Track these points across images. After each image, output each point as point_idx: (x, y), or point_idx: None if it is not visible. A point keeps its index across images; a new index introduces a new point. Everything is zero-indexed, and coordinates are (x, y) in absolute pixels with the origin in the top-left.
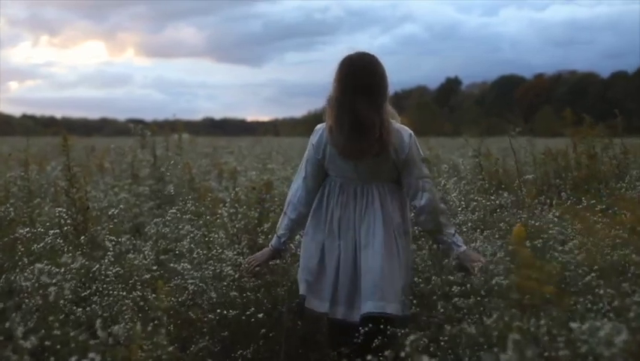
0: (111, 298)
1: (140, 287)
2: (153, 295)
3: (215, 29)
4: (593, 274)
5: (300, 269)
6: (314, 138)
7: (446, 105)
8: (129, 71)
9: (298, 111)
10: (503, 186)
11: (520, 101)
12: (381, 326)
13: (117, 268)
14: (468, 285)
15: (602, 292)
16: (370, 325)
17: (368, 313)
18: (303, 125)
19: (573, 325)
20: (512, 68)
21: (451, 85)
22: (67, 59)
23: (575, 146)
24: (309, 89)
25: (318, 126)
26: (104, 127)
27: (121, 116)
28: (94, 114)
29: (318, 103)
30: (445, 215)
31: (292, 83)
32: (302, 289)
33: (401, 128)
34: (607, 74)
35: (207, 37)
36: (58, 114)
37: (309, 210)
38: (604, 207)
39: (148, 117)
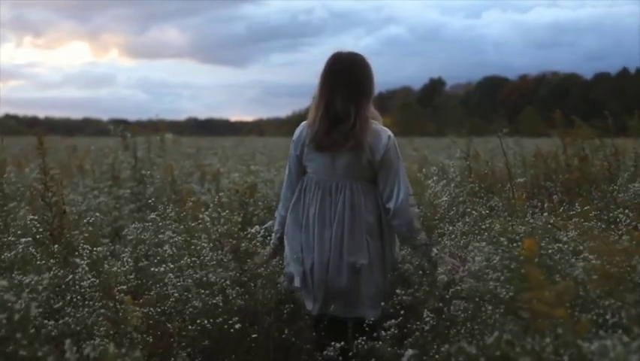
0: (86, 310)
1: (117, 296)
2: (127, 307)
3: (199, 30)
4: (598, 290)
5: (286, 266)
6: (294, 135)
7: (430, 106)
8: (113, 72)
9: (282, 112)
10: (494, 189)
11: (503, 101)
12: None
13: (92, 279)
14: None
15: (607, 303)
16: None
17: (332, 317)
18: (287, 126)
19: (582, 344)
20: (496, 69)
21: (435, 86)
22: (51, 60)
23: (565, 147)
24: (293, 89)
25: (301, 124)
26: (86, 127)
27: (104, 116)
28: (77, 114)
29: (303, 103)
30: (418, 219)
31: (276, 84)
32: (295, 282)
33: (381, 130)
34: (590, 76)
35: (191, 39)
36: (42, 114)
37: None
38: (598, 212)
39: (132, 117)
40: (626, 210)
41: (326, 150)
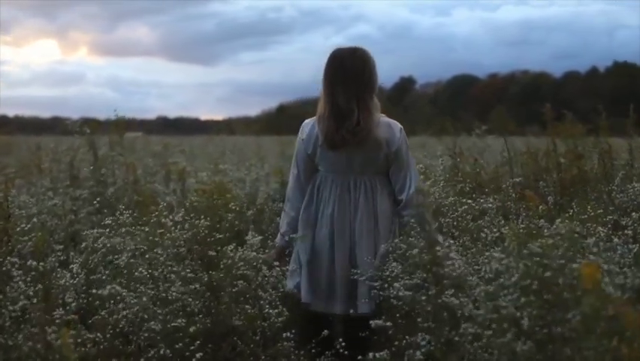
0: (20, 336)
1: (58, 319)
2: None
3: (168, 28)
4: None
5: (292, 273)
6: (303, 133)
7: (400, 104)
8: (82, 70)
9: (252, 110)
10: (487, 190)
11: (474, 100)
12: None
13: (24, 301)
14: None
15: None
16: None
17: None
18: (257, 125)
19: None
20: (466, 67)
21: (406, 84)
22: (20, 58)
23: (555, 145)
24: (263, 88)
25: (307, 121)
26: (56, 126)
27: (74, 115)
28: (46, 113)
29: (272, 102)
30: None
31: (246, 83)
32: (290, 285)
33: (392, 123)
34: (559, 74)
35: (160, 37)
36: (11, 113)
37: None
38: (611, 217)
39: (101, 116)
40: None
41: (339, 148)
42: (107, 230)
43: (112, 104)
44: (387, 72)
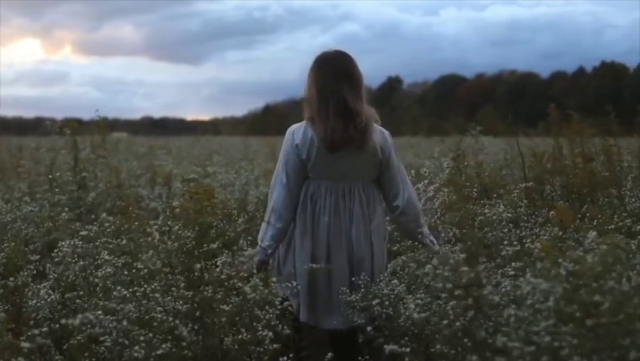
0: None
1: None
2: None
3: (153, 28)
4: None
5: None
6: (296, 138)
7: (387, 104)
8: (66, 69)
9: (239, 110)
10: (495, 195)
11: (461, 100)
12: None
13: None
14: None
15: None
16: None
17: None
18: (243, 125)
19: None
20: (453, 67)
21: (393, 84)
22: (3, 57)
23: (560, 147)
24: (249, 88)
25: (295, 126)
26: (39, 126)
27: (58, 115)
28: (30, 113)
29: (259, 102)
30: (422, 214)
31: (232, 82)
32: (295, 304)
33: (381, 129)
34: (546, 74)
35: (146, 36)
36: None
37: (294, 216)
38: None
39: (85, 116)
40: None
41: (340, 151)
42: (84, 242)
43: (96, 104)
44: (374, 72)
